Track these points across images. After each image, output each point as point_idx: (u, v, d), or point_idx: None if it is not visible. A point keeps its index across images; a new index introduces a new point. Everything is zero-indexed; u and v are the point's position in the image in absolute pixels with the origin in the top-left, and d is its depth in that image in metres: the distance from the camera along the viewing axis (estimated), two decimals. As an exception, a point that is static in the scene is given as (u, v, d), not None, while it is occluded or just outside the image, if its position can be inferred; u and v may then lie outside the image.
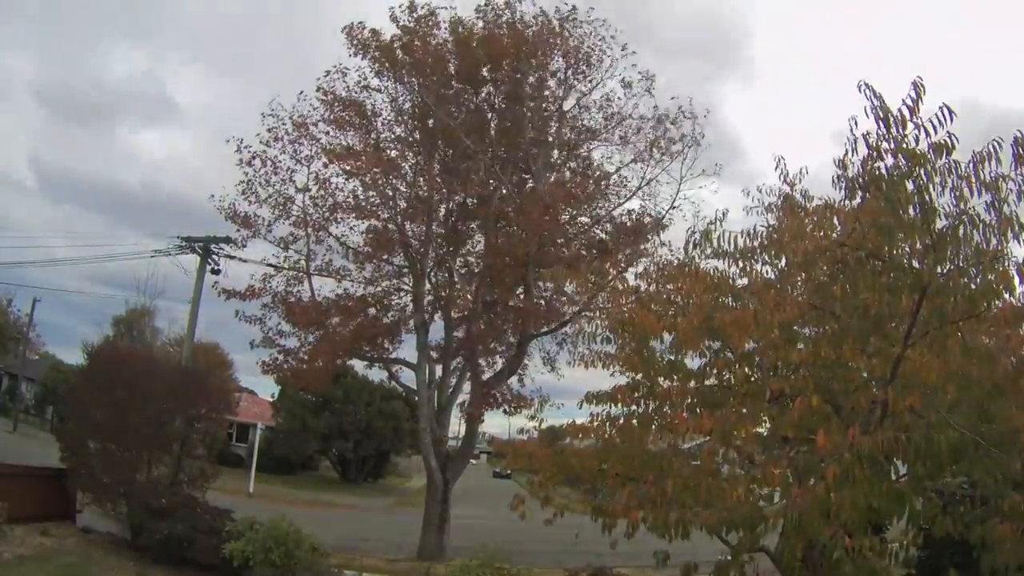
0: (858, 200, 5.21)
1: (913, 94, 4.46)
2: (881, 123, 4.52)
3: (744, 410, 5.99)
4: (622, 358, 6.98)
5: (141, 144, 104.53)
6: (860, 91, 4.48)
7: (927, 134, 4.49)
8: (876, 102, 4.49)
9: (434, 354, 17.20)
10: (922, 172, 4.60)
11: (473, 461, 26.74)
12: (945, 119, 4.41)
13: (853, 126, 4.77)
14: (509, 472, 44.97)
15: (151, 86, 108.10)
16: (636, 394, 6.72)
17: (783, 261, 6.13)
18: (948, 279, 4.81)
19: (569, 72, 16.79)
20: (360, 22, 16.05)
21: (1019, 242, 4.65)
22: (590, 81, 16.86)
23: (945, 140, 4.51)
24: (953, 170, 4.61)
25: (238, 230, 16.98)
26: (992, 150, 4.48)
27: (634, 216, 17.18)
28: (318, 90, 16.19)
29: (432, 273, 17.52)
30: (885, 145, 4.61)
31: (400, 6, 15.95)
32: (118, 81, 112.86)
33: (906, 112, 4.47)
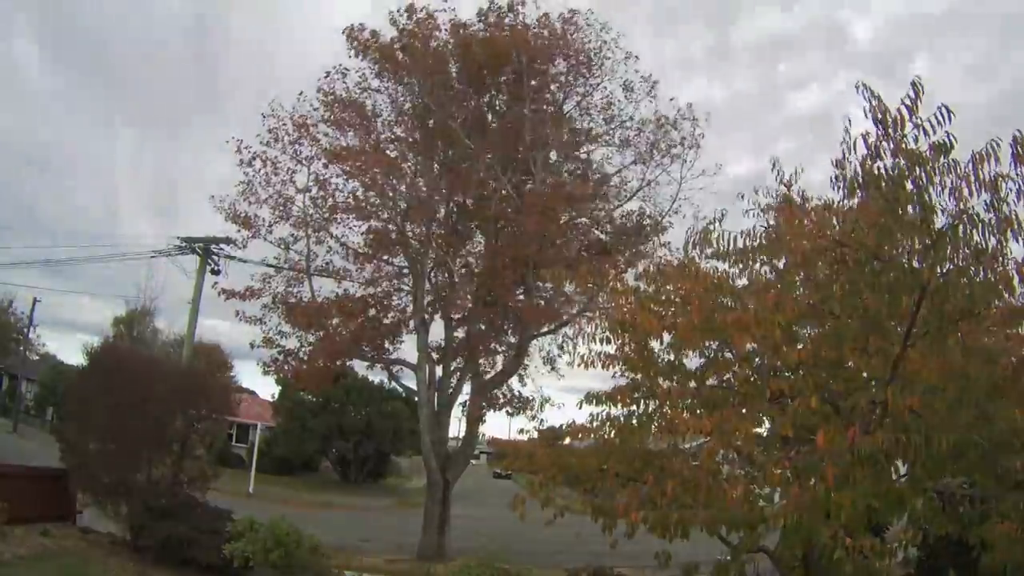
0: (857, 200, 5.21)
1: (912, 94, 4.47)
2: (879, 124, 4.52)
3: (744, 410, 5.99)
4: (622, 358, 6.97)
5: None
6: (858, 92, 4.49)
7: (926, 134, 4.49)
8: (874, 103, 4.49)
9: (434, 355, 17.21)
10: (921, 172, 4.60)
11: (473, 461, 26.69)
12: (944, 119, 4.42)
13: (849, 125, 4.79)
14: (509, 472, 44.89)
15: None
16: (636, 394, 6.72)
17: (782, 261, 6.12)
18: (948, 279, 4.81)
19: (570, 75, 16.83)
20: (360, 23, 16.11)
21: (1018, 241, 4.65)
22: (591, 84, 16.92)
23: (944, 140, 4.52)
24: (952, 170, 4.62)
25: (238, 231, 17.02)
26: (991, 149, 4.48)
27: (634, 217, 17.22)
28: (318, 91, 16.23)
29: (432, 273, 17.54)
30: (884, 145, 4.61)
31: (399, 9, 16.01)
32: None
33: (905, 112, 4.47)
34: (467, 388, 17.48)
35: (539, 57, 16.21)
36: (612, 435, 6.79)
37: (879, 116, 4.50)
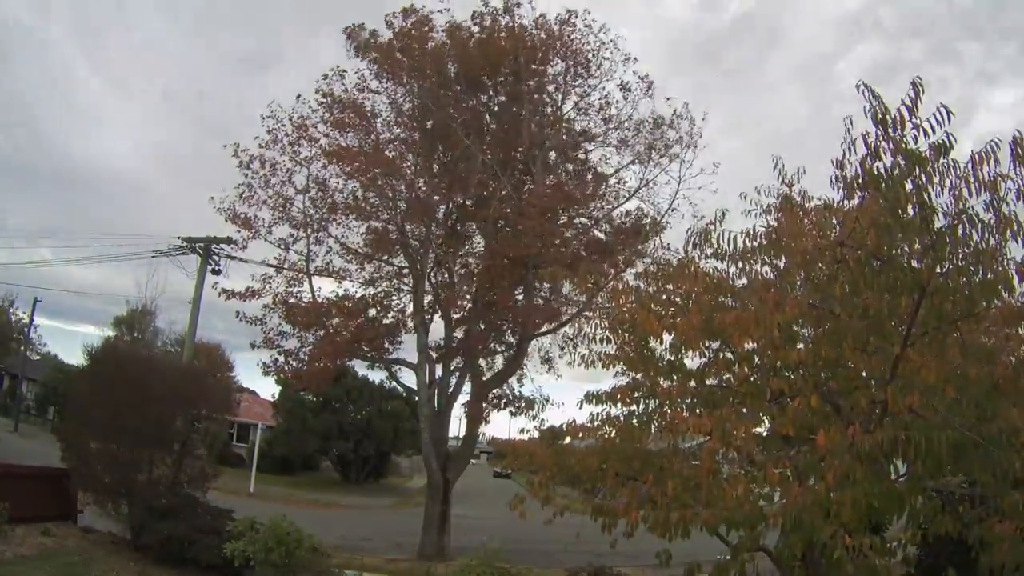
0: (857, 200, 5.21)
1: (912, 94, 4.47)
2: (879, 124, 4.52)
3: (744, 410, 5.99)
4: (622, 358, 6.98)
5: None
6: (858, 91, 4.49)
7: (926, 134, 4.50)
8: (874, 103, 4.49)
9: (434, 354, 17.22)
10: (921, 172, 4.60)
11: (474, 461, 26.75)
12: (943, 119, 4.42)
13: (850, 126, 4.78)
14: (509, 472, 44.95)
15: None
16: (636, 394, 6.72)
17: (782, 261, 6.12)
18: (947, 279, 4.81)
19: (567, 76, 16.85)
20: (360, 24, 16.12)
21: (1018, 241, 4.64)
22: (588, 85, 16.95)
23: (944, 140, 4.52)
24: (952, 170, 4.62)
25: (238, 231, 17.04)
26: (990, 150, 4.48)
27: (633, 217, 17.25)
28: (317, 92, 16.24)
29: (432, 273, 17.56)
30: (884, 145, 4.61)
31: (395, 12, 16.03)
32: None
33: (905, 112, 4.47)
34: (467, 388, 17.53)
35: (536, 58, 16.23)
36: (612, 435, 6.80)
37: (879, 116, 4.50)
